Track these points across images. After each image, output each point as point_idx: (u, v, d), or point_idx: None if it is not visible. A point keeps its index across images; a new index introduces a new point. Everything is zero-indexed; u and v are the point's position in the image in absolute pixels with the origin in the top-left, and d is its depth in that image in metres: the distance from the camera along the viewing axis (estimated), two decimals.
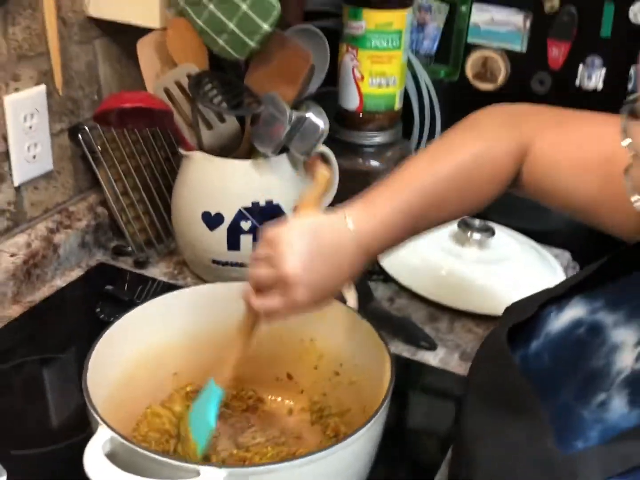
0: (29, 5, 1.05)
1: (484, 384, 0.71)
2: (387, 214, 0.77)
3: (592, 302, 0.68)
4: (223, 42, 1.04)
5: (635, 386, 0.60)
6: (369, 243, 0.76)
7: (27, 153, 1.11)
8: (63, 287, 1.17)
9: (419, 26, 1.29)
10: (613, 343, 0.64)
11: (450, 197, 0.79)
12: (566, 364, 0.66)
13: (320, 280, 0.74)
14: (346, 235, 0.75)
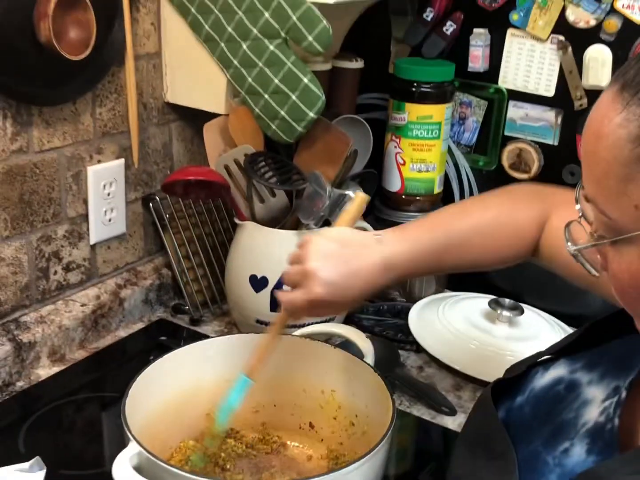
0: (115, 91, 1.23)
1: (469, 432, 0.80)
2: (415, 242, 0.86)
3: (573, 363, 0.75)
4: (275, 126, 1.19)
5: (595, 436, 0.66)
6: (393, 261, 0.84)
7: (104, 216, 1.27)
8: (125, 337, 1.30)
9: (460, 120, 1.41)
10: (584, 398, 0.70)
11: (474, 246, 0.88)
12: (542, 416, 0.72)
13: (338, 279, 0.82)
14: (371, 246, 0.85)
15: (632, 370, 0.68)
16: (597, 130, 0.56)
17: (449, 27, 1.35)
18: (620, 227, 0.56)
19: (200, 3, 1.20)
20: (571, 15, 1.26)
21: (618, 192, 0.55)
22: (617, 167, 0.54)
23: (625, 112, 0.54)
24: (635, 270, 0.57)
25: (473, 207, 0.94)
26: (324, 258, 0.83)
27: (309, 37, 1.11)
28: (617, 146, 0.54)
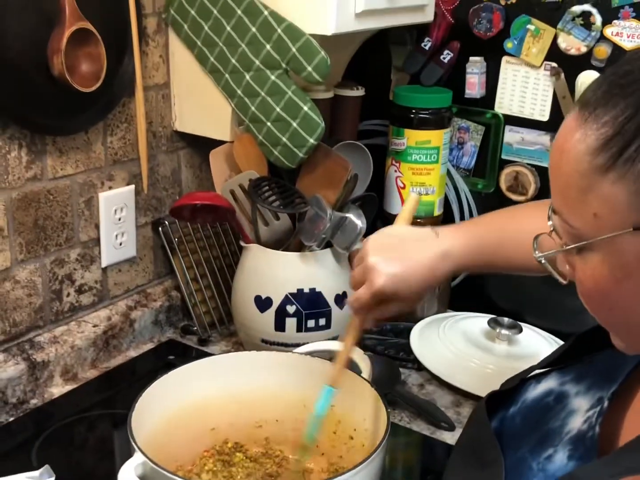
0: (125, 120, 1.29)
1: (463, 442, 0.83)
2: (470, 236, 0.90)
3: (563, 376, 0.79)
4: (278, 152, 1.24)
5: (577, 443, 0.70)
6: (450, 251, 0.88)
7: (115, 240, 1.32)
8: (135, 357, 1.34)
9: (459, 144, 1.46)
10: (571, 408, 0.74)
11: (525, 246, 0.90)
12: (531, 425, 0.76)
13: (398, 269, 0.86)
14: (428, 239, 0.89)
15: (615, 382, 0.71)
16: (561, 146, 0.61)
17: (446, 55, 1.40)
18: (583, 235, 0.60)
19: (205, 36, 1.26)
20: (563, 42, 1.31)
21: (579, 202, 0.59)
22: (577, 178, 0.58)
23: (583, 128, 0.59)
24: (598, 275, 0.61)
25: (523, 214, 0.96)
26: (382, 251, 0.87)
27: (308, 67, 1.17)
28: (577, 159, 0.58)
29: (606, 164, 0.57)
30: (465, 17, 1.39)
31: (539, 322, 1.41)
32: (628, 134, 0.56)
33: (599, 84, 0.60)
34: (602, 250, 0.60)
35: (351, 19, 1.19)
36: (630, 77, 0.57)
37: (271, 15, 1.18)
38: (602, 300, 0.62)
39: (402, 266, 0.87)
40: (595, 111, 0.58)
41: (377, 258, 0.87)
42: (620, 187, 0.56)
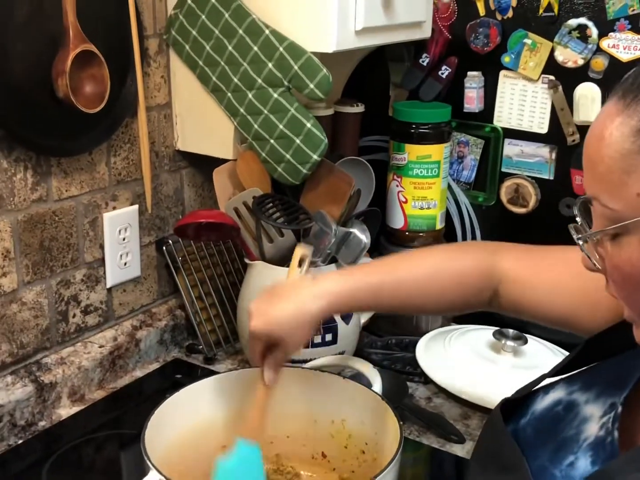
0: (129, 141, 1.30)
1: (482, 449, 0.84)
2: (347, 278, 0.92)
3: (571, 386, 0.80)
4: (281, 169, 1.25)
5: (597, 449, 0.71)
6: (322, 289, 0.90)
7: (120, 260, 1.32)
8: (141, 377, 1.34)
9: (459, 158, 1.47)
10: (583, 416, 0.75)
11: (410, 288, 0.93)
12: (544, 435, 0.77)
13: (269, 310, 0.90)
14: (305, 282, 0.92)
15: (625, 388, 0.72)
16: (600, 132, 0.63)
17: (444, 71, 1.42)
18: (623, 216, 0.62)
19: (207, 56, 1.27)
20: (560, 55, 1.33)
21: (621, 183, 0.61)
22: (620, 160, 0.61)
23: (626, 111, 0.61)
24: (636, 258, 0.62)
25: (414, 256, 0.98)
26: (259, 297, 0.92)
27: (311, 84, 1.18)
28: (619, 142, 0.61)
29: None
30: (462, 32, 1.41)
31: (542, 334, 1.41)
32: None
33: (637, 73, 0.63)
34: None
35: (351, 36, 1.20)
36: None
37: (272, 34, 1.20)
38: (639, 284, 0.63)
39: (272, 307, 0.90)
40: (638, 96, 0.60)
41: (253, 304, 0.92)
42: None
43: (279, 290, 0.93)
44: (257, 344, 0.92)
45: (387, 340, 1.44)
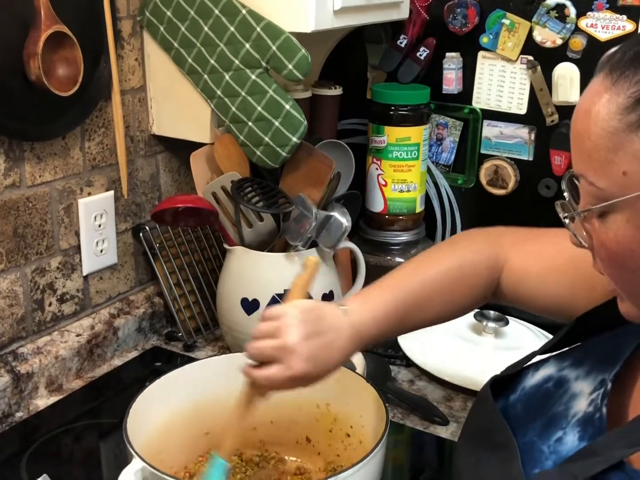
0: (103, 125, 1.27)
1: (470, 427, 0.83)
2: (377, 310, 0.87)
3: (561, 362, 0.80)
4: (260, 152, 1.23)
5: (585, 424, 0.71)
6: (361, 332, 0.86)
7: (96, 248, 1.30)
8: (120, 365, 1.32)
9: (438, 140, 1.46)
10: (573, 392, 0.75)
11: (434, 300, 0.91)
12: (534, 411, 0.77)
13: (315, 354, 0.81)
14: (342, 319, 0.85)
15: (616, 364, 0.72)
16: (587, 109, 0.62)
17: (422, 52, 1.40)
18: (609, 195, 0.61)
19: (182, 37, 1.25)
20: (538, 35, 1.32)
21: (607, 161, 0.60)
22: (606, 138, 0.60)
23: (613, 89, 0.60)
24: (622, 236, 0.62)
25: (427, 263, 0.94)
26: (303, 334, 0.80)
27: (289, 65, 1.16)
28: (606, 119, 0.60)
29: (638, 121, 0.58)
30: (440, 13, 1.39)
31: (523, 315, 1.41)
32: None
33: (624, 50, 0.62)
34: (629, 210, 0.61)
35: (329, 16, 1.18)
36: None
37: (249, 14, 1.17)
38: (625, 262, 0.63)
39: (321, 350, 0.82)
40: (625, 73, 0.60)
41: (297, 340, 0.80)
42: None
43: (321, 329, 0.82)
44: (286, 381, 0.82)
45: None
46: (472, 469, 0.77)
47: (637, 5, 1.24)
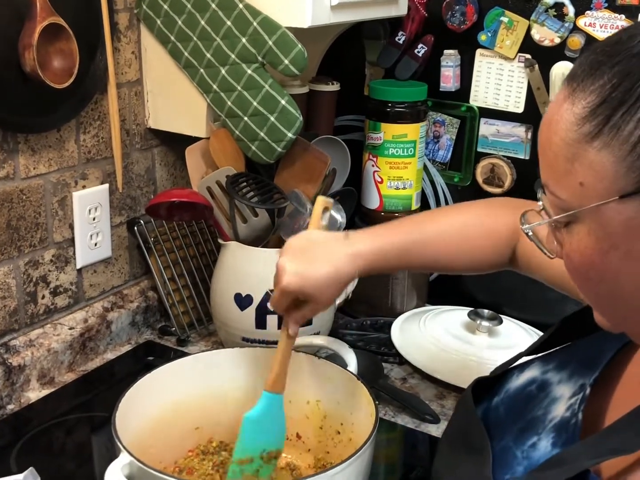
0: (98, 118, 1.27)
1: (451, 429, 0.83)
2: (380, 237, 0.92)
3: (546, 364, 0.79)
4: (255, 147, 1.23)
5: (560, 430, 0.70)
6: (358, 250, 0.90)
7: (90, 241, 1.29)
8: (113, 359, 1.32)
9: (435, 138, 1.46)
10: (553, 396, 0.74)
11: (440, 245, 0.92)
12: (515, 414, 0.76)
13: (304, 267, 0.88)
14: (338, 239, 0.91)
15: (596, 368, 0.72)
16: (549, 118, 0.61)
17: (420, 49, 1.40)
18: (570, 206, 0.60)
19: (179, 31, 1.24)
20: (536, 34, 1.32)
21: (566, 172, 0.59)
22: (565, 148, 0.58)
23: (571, 98, 0.59)
24: (584, 247, 0.60)
25: (445, 212, 0.99)
26: (292, 253, 0.90)
27: (285, 60, 1.16)
28: (564, 129, 0.58)
29: (592, 131, 0.57)
30: (438, 10, 1.39)
31: (517, 314, 1.41)
32: (614, 101, 0.56)
33: (586, 56, 0.60)
34: (589, 221, 0.59)
35: (327, 11, 1.18)
36: (617, 47, 0.57)
37: (246, 8, 1.17)
38: (589, 273, 0.62)
39: (307, 265, 0.89)
40: (583, 82, 0.58)
41: (285, 258, 0.89)
42: (606, 154, 0.56)
43: (313, 246, 0.91)
44: (285, 299, 0.91)
45: (361, 322, 1.43)
46: (449, 470, 0.77)
47: (635, 5, 1.24)
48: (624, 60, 0.56)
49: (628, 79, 0.55)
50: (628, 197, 0.56)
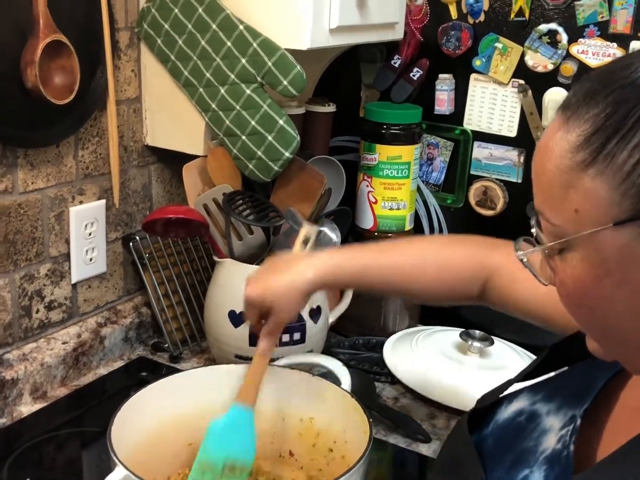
0: (97, 134, 1.28)
1: (445, 456, 0.83)
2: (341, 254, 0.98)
3: (534, 395, 0.79)
4: (252, 166, 1.24)
5: (552, 463, 0.70)
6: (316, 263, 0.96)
7: (85, 256, 1.30)
8: (105, 374, 1.32)
9: (428, 160, 1.48)
10: (543, 428, 0.74)
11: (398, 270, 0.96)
12: (505, 446, 0.76)
13: (263, 278, 0.96)
14: (303, 257, 0.99)
15: (586, 400, 0.72)
16: (544, 145, 0.62)
17: (415, 73, 1.43)
18: (564, 233, 0.60)
19: (179, 50, 1.26)
20: (530, 60, 1.35)
21: (561, 199, 0.60)
22: (559, 175, 0.59)
23: (565, 126, 0.59)
24: (578, 274, 0.61)
25: (408, 243, 1.03)
26: (260, 269, 1.00)
27: (284, 81, 1.17)
28: (559, 156, 0.59)
29: (587, 159, 0.57)
30: (434, 35, 1.42)
31: (508, 336, 1.42)
32: (608, 130, 0.57)
33: (581, 85, 0.61)
34: (583, 248, 0.60)
35: (325, 34, 1.20)
36: (611, 76, 0.59)
37: (246, 29, 1.19)
38: (582, 300, 0.62)
39: (268, 276, 0.97)
40: (578, 110, 0.59)
41: (253, 273, 0.99)
42: (601, 182, 0.57)
43: (278, 262, 0.99)
44: (251, 311, 0.98)
45: (354, 341, 1.44)
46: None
47: (627, 34, 1.27)
48: (618, 90, 0.57)
49: (622, 108, 0.56)
50: (622, 225, 0.56)
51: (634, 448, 0.61)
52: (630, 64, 0.58)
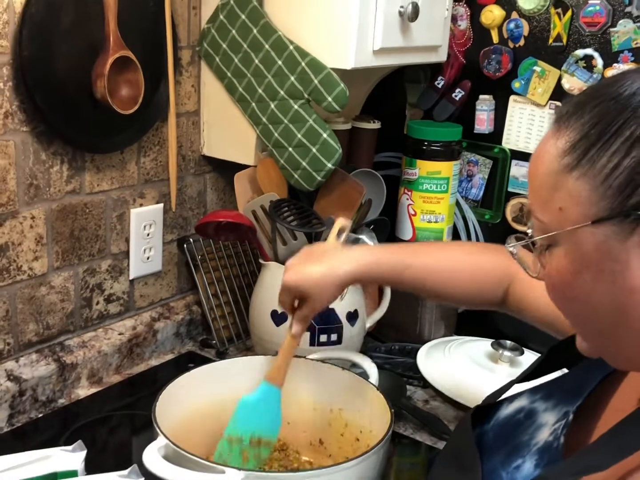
0: (158, 143, 1.39)
1: (449, 448, 0.90)
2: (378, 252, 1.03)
3: (534, 395, 0.85)
4: (298, 176, 1.34)
5: (543, 453, 0.76)
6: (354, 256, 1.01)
7: (143, 255, 1.41)
8: (156, 365, 1.42)
9: (468, 177, 1.55)
10: (539, 423, 0.80)
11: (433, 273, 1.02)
12: (502, 439, 0.82)
13: (301, 266, 1.01)
14: (341, 249, 1.04)
15: (580, 397, 0.77)
16: (538, 151, 0.69)
17: (457, 93, 1.50)
18: (550, 229, 0.67)
19: (235, 68, 1.37)
20: (566, 83, 1.41)
21: (548, 198, 0.66)
22: (548, 177, 0.66)
23: (556, 134, 0.67)
24: (561, 267, 0.67)
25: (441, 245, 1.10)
26: (299, 256, 1.04)
27: (329, 97, 1.26)
28: (549, 161, 0.66)
29: (572, 163, 0.64)
30: (476, 58, 1.49)
31: (538, 347, 1.47)
32: (592, 137, 0.63)
33: (573, 98, 0.68)
34: (566, 243, 0.66)
35: (369, 55, 1.29)
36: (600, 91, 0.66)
37: (296, 50, 1.29)
38: (565, 292, 0.68)
39: (306, 264, 1.01)
40: (567, 120, 0.66)
41: (291, 260, 1.03)
42: (583, 183, 0.63)
43: (315, 253, 1.04)
44: (286, 296, 1.03)
45: (390, 346, 1.50)
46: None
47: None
48: (603, 103, 0.64)
49: (605, 119, 0.63)
50: (600, 223, 0.63)
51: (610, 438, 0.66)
52: (617, 80, 0.65)
